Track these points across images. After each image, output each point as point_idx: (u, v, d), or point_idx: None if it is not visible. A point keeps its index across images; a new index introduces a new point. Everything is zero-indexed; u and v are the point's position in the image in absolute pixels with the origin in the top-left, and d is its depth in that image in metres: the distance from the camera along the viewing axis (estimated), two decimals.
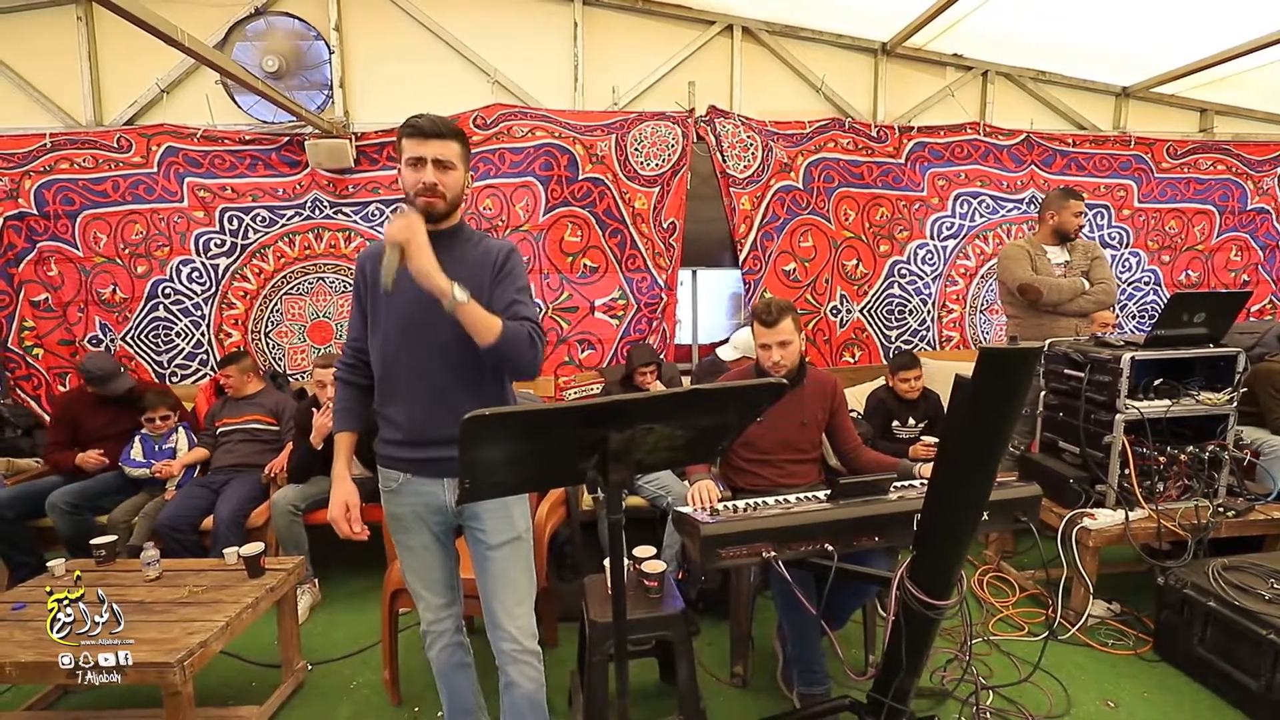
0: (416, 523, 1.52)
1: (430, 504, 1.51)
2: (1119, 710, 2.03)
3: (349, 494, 1.52)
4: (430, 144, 1.39)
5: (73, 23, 3.66)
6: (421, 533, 1.53)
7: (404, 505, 1.52)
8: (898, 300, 4.15)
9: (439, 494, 1.49)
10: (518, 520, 1.53)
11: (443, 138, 1.40)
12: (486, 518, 1.50)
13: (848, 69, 4.11)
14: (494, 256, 1.48)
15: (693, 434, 1.10)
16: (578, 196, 3.76)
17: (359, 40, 3.82)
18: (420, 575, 1.57)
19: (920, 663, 1.53)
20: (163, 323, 3.71)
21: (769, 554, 1.49)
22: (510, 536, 1.52)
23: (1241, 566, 2.21)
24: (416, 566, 1.56)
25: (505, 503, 1.51)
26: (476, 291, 1.37)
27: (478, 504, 1.49)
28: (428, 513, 1.51)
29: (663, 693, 2.15)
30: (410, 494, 1.51)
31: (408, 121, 1.41)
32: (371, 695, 2.19)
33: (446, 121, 1.42)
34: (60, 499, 2.75)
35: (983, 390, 1.23)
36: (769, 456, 2.24)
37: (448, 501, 1.50)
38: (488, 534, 1.50)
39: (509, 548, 1.52)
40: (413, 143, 1.40)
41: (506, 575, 1.52)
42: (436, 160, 1.39)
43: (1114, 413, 2.39)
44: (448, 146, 1.41)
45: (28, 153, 3.56)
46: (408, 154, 1.41)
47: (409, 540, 1.55)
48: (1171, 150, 4.27)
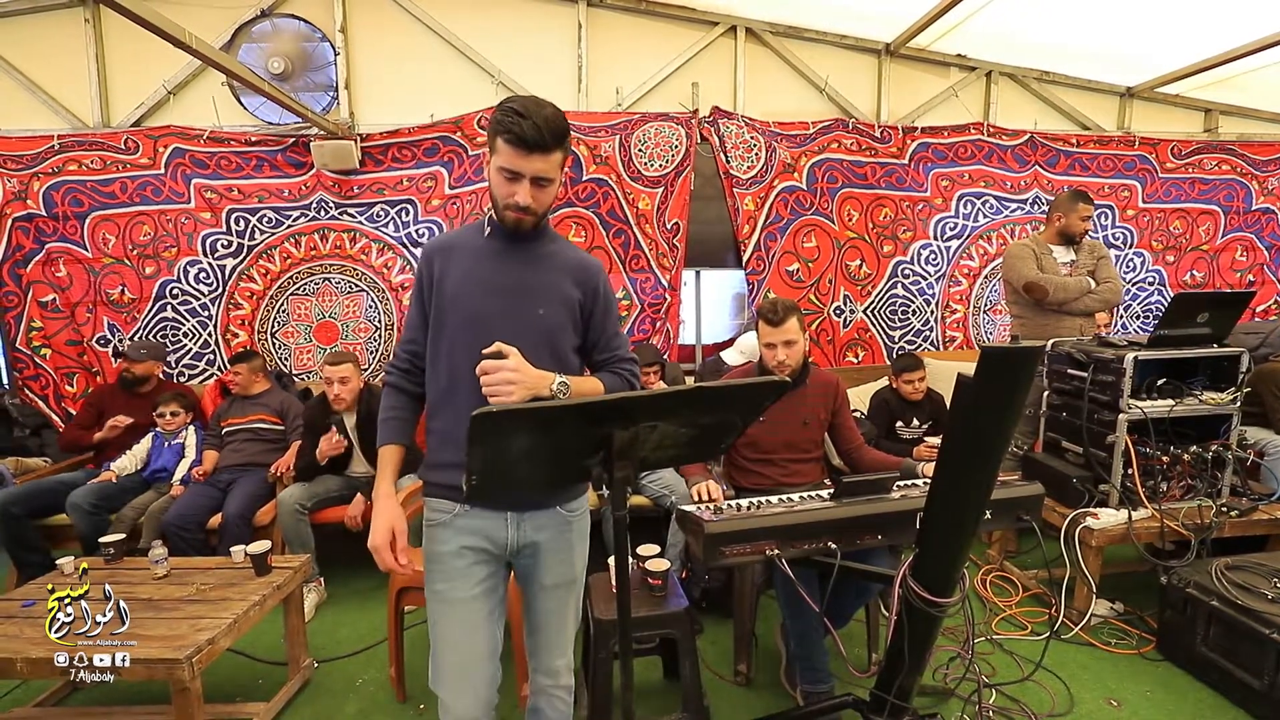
0: (468, 567, 1.27)
1: (489, 539, 1.29)
2: (1122, 709, 2.04)
3: (395, 518, 1.27)
4: (533, 160, 1.17)
5: (80, 25, 3.69)
6: (471, 578, 1.27)
7: (454, 543, 1.27)
8: (901, 300, 4.15)
9: (500, 529, 1.29)
10: (578, 561, 1.39)
11: (547, 151, 1.17)
12: (546, 556, 1.34)
13: (851, 70, 4.12)
14: (590, 278, 1.34)
15: (696, 432, 1.11)
16: (582, 197, 3.77)
17: (364, 42, 3.84)
18: (459, 647, 1.26)
19: (923, 661, 1.54)
20: (170, 323, 3.74)
21: (772, 552, 1.50)
22: (567, 579, 1.37)
23: (1245, 566, 2.21)
24: (458, 632, 1.27)
25: (570, 542, 1.36)
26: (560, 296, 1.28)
27: (540, 541, 1.32)
28: (483, 553, 1.29)
29: (666, 690, 2.16)
30: (464, 530, 1.28)
31: (507, 120, 1.15)
32: (377, 692, 2.20)
33: (553, 124, 1.17)
34: (83, 499, 2.78)
35: (985, 389, 1.24)
36: (771, 456, 2.25)
37: (510, 538, 1.30)
38: (545, 573, 1.34)
39: (564, 590, 1.37)
40: (513, 153, 1.17)
41: (558, 617, 1.38)
42: (536, 178, 1.20)
43: (1117, 412, 2.39)
44: (550, 161, 1.19)
45: (36, 154, 3.59)
46: (502, 162, 1.19)
47: (453, 590, 1.27)
48: (1176, 150, 4.27)
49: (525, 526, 1.31)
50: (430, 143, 3.76)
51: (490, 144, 1.21)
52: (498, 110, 1.18)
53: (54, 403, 3.69)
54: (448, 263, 1.30)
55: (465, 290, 1.27)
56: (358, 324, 3.88)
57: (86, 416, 3.18)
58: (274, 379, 3.38)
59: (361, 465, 2.95)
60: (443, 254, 1.31)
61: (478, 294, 1.27)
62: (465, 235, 1.34)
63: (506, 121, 1.15)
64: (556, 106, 1.20)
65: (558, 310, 1.30)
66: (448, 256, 1.30)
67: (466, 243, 1.32)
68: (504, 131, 1.16)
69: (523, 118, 1.14)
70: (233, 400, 3.22)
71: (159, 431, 3.10)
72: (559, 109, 1.20)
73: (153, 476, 3.04)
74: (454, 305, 1.27)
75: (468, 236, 1.33)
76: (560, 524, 1.35)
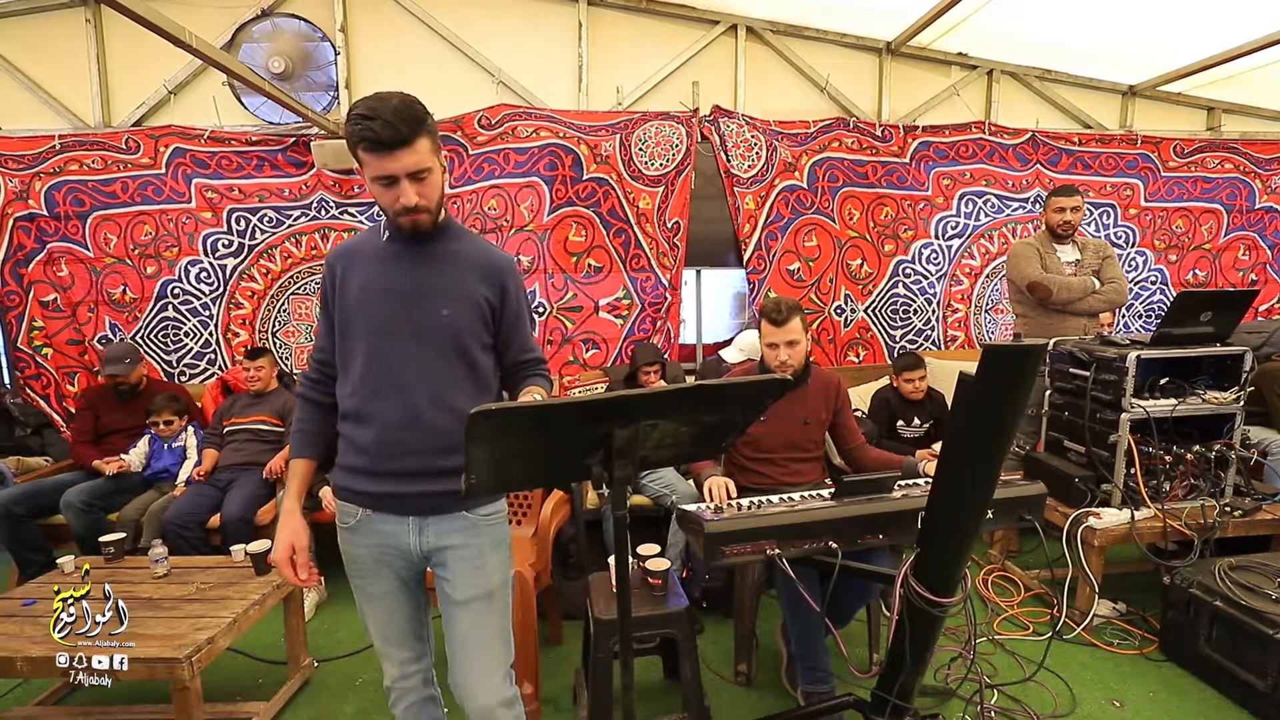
0: (377, 566, 1.30)
1: (393, 546, 1.29)
2: (1124, 710, 2.03)
3: (296, 533, 1.28)
4: (399, 157, 1.12)
5: (81, 25, 3.69)
6: (384, 578, 1.31)
7: (362, 546, 1.30)
8: (902, 300, 4.15)
9: (403, 535, 1.27)
10: (492, 573, 1.31)
11: (408, 143, 1.12)
12: (455, 565, 1.28)
13: (852, 68, 4.11)
14: (495, 278, 1.29)
15: (697, 430, 1.10)
16: (582, 196, 3.77)
17: (365, 41, 3.84)
18: (382, 627, 1.33)
19: (924, 660, 1.53)
20: (172, 323, 3.74)
21: (773, 551, 1.50)
22: (480, 592, 1.29)
23: (1248, 566, 2.20)
24: (378, 617, 1.33)
25: (479, 550, 1.29)
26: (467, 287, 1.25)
27: (446, 550, 1.28)
28: (390, 556, 1.29)
29: (667, 690, 2.16)
30: (370, 533, 1.29)
31: (357, 129, 1.10)
32: (376, 692, 2.20)
33: (404, 113, 1.11)
34: (76, 498, 2.78)
35: (986, 388, 1.23)
36: (772, 455, 2.25)
37: (412, 544, 1.28)
38: (455, 586, 1.29)
39: (479, 605, 1.29)
40: (376, 158, 1.12)
41: (475, 637, 1.30)
42: (411, 174, 1.15)
43: (1120, 412, 2.38)
44: (417, 152, 1.14)
45: (37, 154, 3.59)
46: (372, 172, 1.15)
47: (369, 586, 1.32)
48: (1178, 149, 4.25)
49: (428, 533, 1.28)
50: None
51: (355, 158, 1.17)
52: (347, 121, 1.14)
53: (55, 402, 3.70)
54: (349, 270, 1.27)
55: (367, 297, 1.24)
56: None
57: (85, 424, 3.14)
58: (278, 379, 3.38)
59: None
60: (344, 260, 1.29)
61: (379, 299, 1.24)
62: (365, 239, 1.31)
63: (358, 130, 1.11)
64: (404, 94, 1.15)
65: (464, 310, 1.26)
66: (349, 263, 1.28)
67: (366, 247, 1.29)
68: (359, 141, 1.12)
69: (371, 119, 1.10)
70: (236, 399, 3.22)
71: (155, 435, 3.09)
72: (407, 95, 1.15)
73: (155, 477, 3.04)
74: (357, 312, 1.25)
75: (368, 240, 1.30)
76: (467, 530, 1.29)
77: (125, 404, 3.16)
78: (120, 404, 3.16)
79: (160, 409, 3.08)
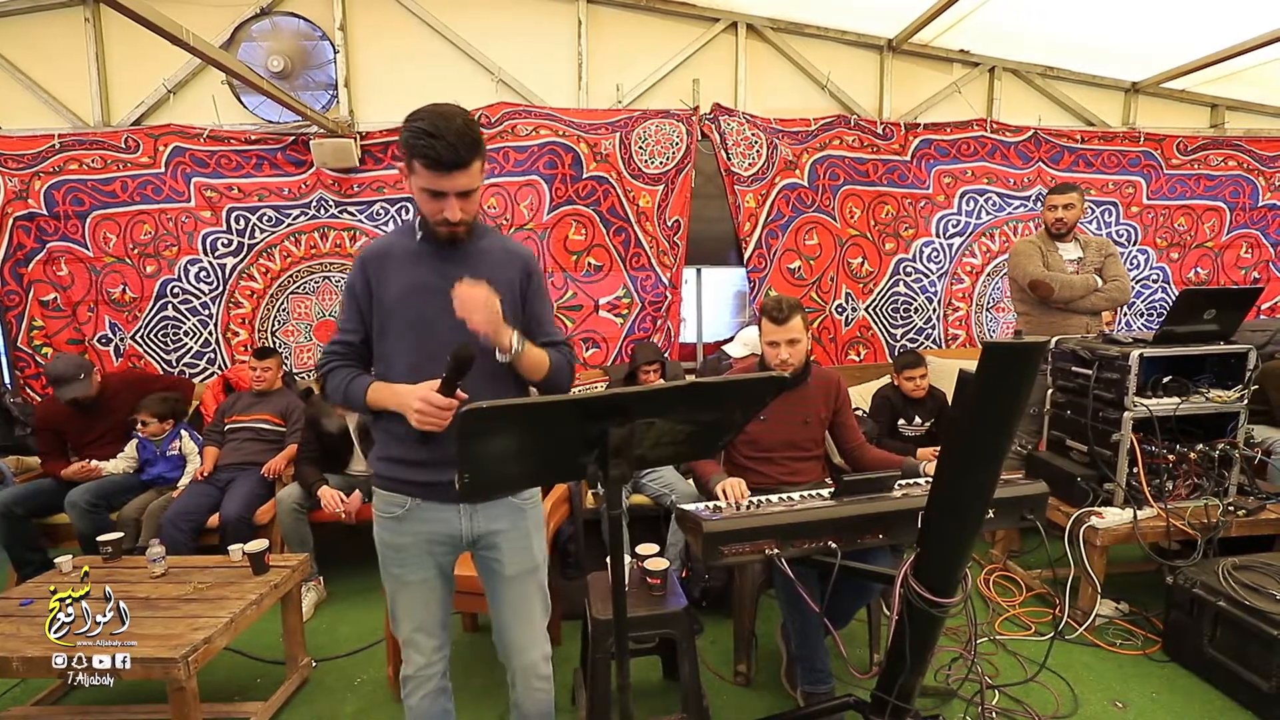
0: (420, 555, 1.36)
1: (442, 533, 1.35)
2: (1127, 710, 2.01)
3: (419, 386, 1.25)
4: (454, 178, 1.19)
5: (81, 24, 3.69)
6: (425, 566, 1.37)
7: (408, 534, 1.35)
8: (903, 298, 4.13)
9: (454, 521, 1.35)
10: (536, 552, 1.43)
11: (464, 166, 1.19)
12: (505, 546, 1.38)
13: (853, 66, 4.09)
14: (518, 262, 1.38)
15: (694, 429, 1.09)
16: (582, 195, 3.76)
17: (364, 40, 3.83)
18: (415, 615, 1.39)
19: (925, 661, 1.52)
20: (171, 322, 3.74)
21: (772, 551, 1.49)
22: (528, 568, 1.41)
23: (1252, 566, 2.19)
24: (413, 606, 1.39)
25: (526, 531, 1.41)
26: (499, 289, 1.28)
27: (496, 533, 1.37)
28: (435, 543, 1.36)
29: (666, 690, 2.15)
30: (418, 521, 1.34)
31: (420, 144, 1.16)
32: (375, 692, 2.19)
33: (467, 137, 1.17)
34: (81, 498, 2.77)
35: (987, 385, 1.22)
36: (772, 454, 2.23)
37: (463, 530, 1.36)
38: (505, 564, 1.39)
39: (526, 578, 1.41)
40: (431, 175, 1.19)
41: (524, 607, 1.42)
42: (460, 192, 1.23)
43: (1122, 411, 2.36)
44: (470, 174, 1.21)
45: (37, 154, 3.59)
46: (423, 183, 1.21)
47: (409, 574, 1.37)
48: (1181, 146, 4.23)
49: (479, 518, 1.37)
50: None
51: (407, 163, 1.22)
52: (407, 130, 1.18)
53: None
54: (384, 270, 1.33)
55: (408, 295, 1.30)
56: None
57: (48, 444, 2.98)
58: (284, 379, 3.38)
59: (361, 464, 2.94)
60: (377, 261, 1.34)
61: (417, 299, 1.30)
62: (397, 240, 1.37)
63: (419, 146, 1.16)
64: (464, 114, 1.20)
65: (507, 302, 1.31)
66: (383, 263, 1.33)
67: (400, 248, 1.35)
68: (419, 155, 1.18)
69: (434, 138, 1.15)
70: (238, 397, 3.22)
71: (144, 439, 3.00)
72: (467, 116, 1.20)
73: (153, 481, 3.01)
74: (396, 312, 1.31)
75: (400, 241, 1.36)
76: (514, 513, 1.40)
77: (86, 414, 2.97)
78: (81, 416, 2.97)
79: (142, 408, 2.97)
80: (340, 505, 2.69)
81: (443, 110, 1.19)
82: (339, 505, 2.69)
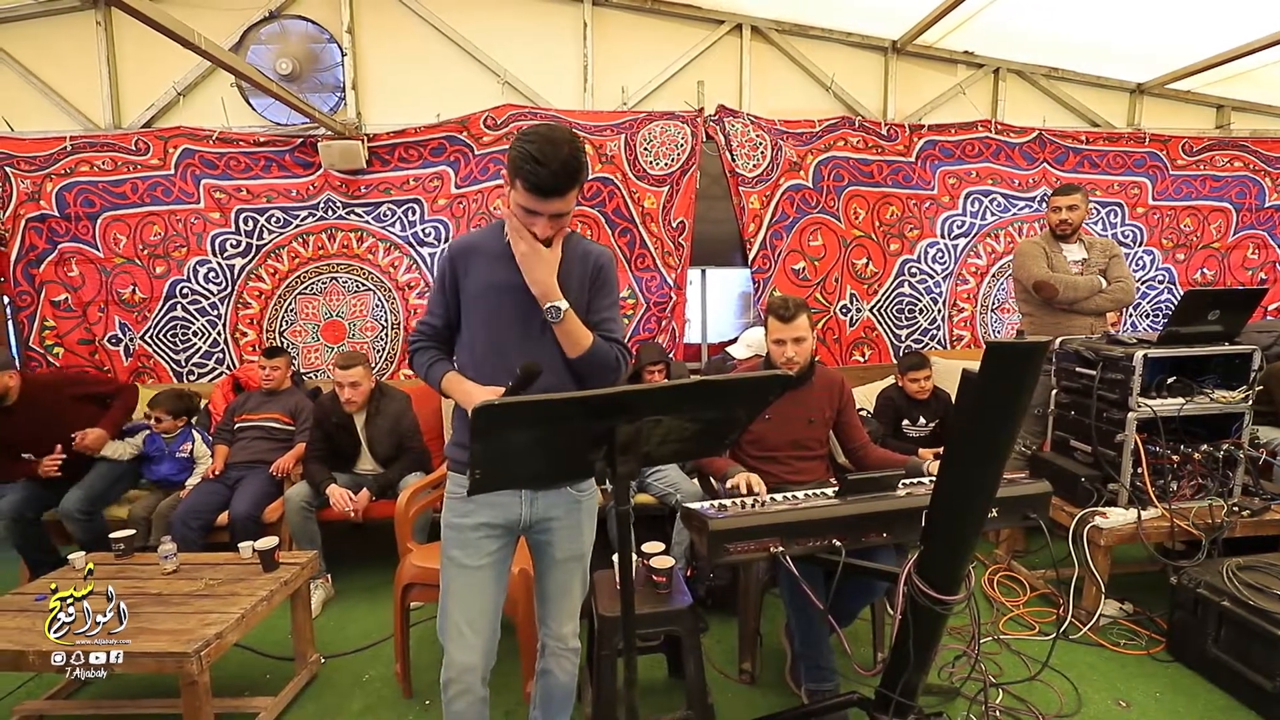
0: (480, 540, 1.41)
1: (503, 516, 1.42)
2: (1131, 710, 2.02)
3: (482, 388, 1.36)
4: (551, 203, 1.25)
5: (92, 28, 3.73)
6: (483, 550, 1.41)
7: (473, 517, 1.40)
8: (908, 299, 4.14)
9: (515, 506, 1.42)
10: (586, 540, 1.52)
11: (563, 195, 1.25)
12: (559, 533, 1.47)
13: (857, 67, 4.10)
14: (592, 261, 1.44)
15: (700, 426, 1.11)
16: (587, 196, 3.78)
17: (371, 43, 3.86)
18: (467, 604, 1.41)
19: (928, 659, 1.53)
20: (180, 322, 3.78)
21: (777, 549, 1.50)
22: (577, 553, 1.50)
23: (1257, 566, 2.19)
24: (466, 592, 1.41)
25: (579, 521, 1.48)
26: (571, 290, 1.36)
27: (552, 520, 1.45)
28: (497, 527, 1.42)
29: (671, 688, 2.16)
30: (485, 504, 1.39)
31: (526, 167, 1.20)
32: (384, 688, 2.21)
33: (570, 167, 1.22)
34: (74, 507, 2.74)
35: (990, 384, 1.23)
36: (776, 454, 2.25)
37: (524, 514, 1.43)
38: (557, 547, 1.47)
39: (574, 563, 1.51)
40: (531, 198, 1.24)
41: (568, 588, 1.52)
42: (554, 215, 1.29)
43: (1127, 411, 2.37)
44: (567, 201, 1.27)
45: (49, 156, 3.63)
46: (521, 201, 1.26)
47: (467, 558, 1.40)
48: (1187, 147, 4.22)
49: (538, 504, 1.44)
50: (436, 142, 3.78)
51: (510, 179, 1.28)
52: (516, 150, 1.23)
53: None
54: (469, 264, 1.41)
55: (491, 292, 1.38)
56: (364, 323, 3.90)
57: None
58: (293, 379, 3.40)
59: (369, 463, 2.96)
60: (465, 255, 1.42)
61: (496, 295, 1.37)
62: (486, 238, 1.44)
63: (526, 169, 1.21)
64: (573, 141, 1.24)
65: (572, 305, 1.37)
66: (470, 258, 1.41)
67: (487, 246, 1.42)
68: (523, 178, 1.23)
69: (541, 165, 1.20)
70: (248, 396, 3.24)
71: (154, 434, 3.03)
72: (575, 144, 1.24)
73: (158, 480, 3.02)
74: (477, 304, 1.40)
75: (488, 240, 1.43)
76: (570, 503, 1.47)
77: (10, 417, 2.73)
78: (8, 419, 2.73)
79: (159, 404, 3.00)
80: (348, 504, 2.71)
81: (553, 137, 1.22)
82: (347, 504, 2.71)
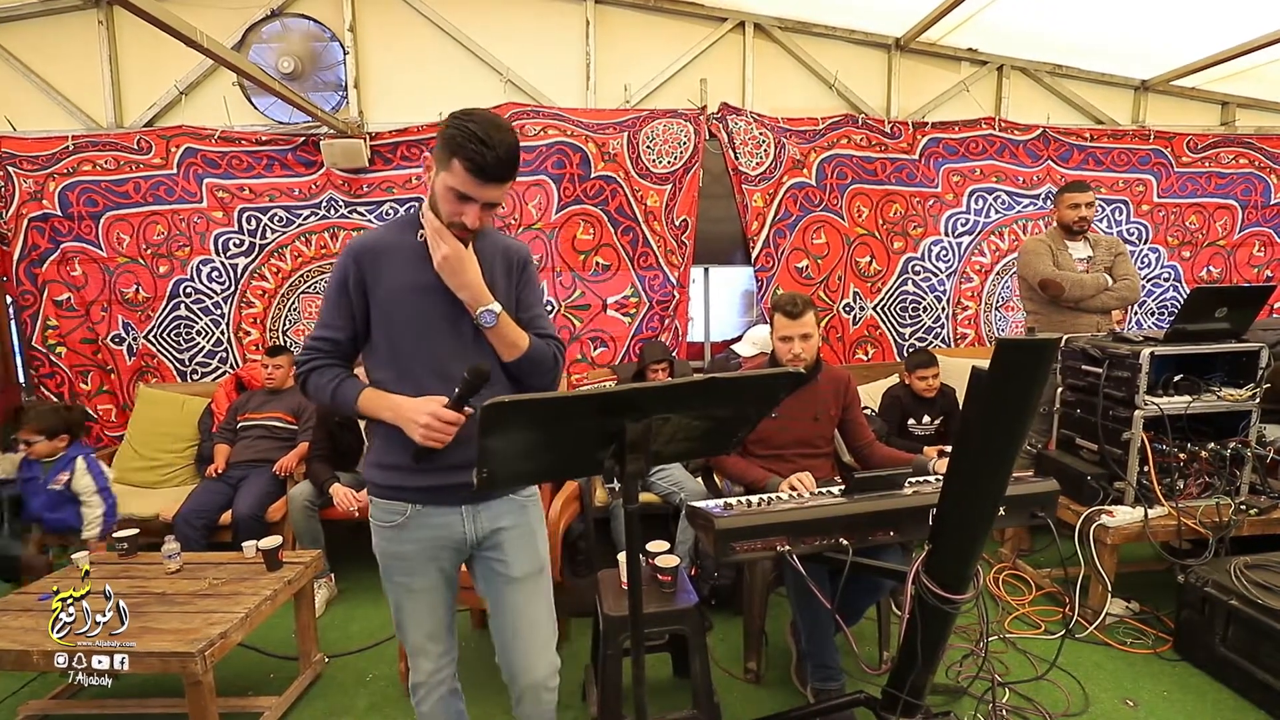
0: (425, 562, 1.33)
1: (445, 537, 1.32)
2: (1138, 709, 2.01)
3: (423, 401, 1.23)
4: (489, 190, 1.19)
5: (94, 27, 3.72)
6: (430, 573, 1.34)
7: (410, 542, 1.31)
8: (912, 297, 4.12)
9: (456, 524, 1.32)
10: (541, 548, 1.40)
11: (502, 182, 1.20)
12: (510, 544, 1.35)
13: (861, 65, 4.09)
14: (515, 257, 1.37)
15: (709, 424, 1.10)
16: (590, 194, 3.77)
17: (373, 41, 3.85)
18: (421, 622, 1.36)
19: (936, 658, 1.52)
20: (184, 321, 3.77)
21: (783, 548, 1.49)
22: (535, 568, 1.38)
23: (1265, 565, 2.18)
24: (419, 613, 1.35)
25: (530, 527, 1.38)
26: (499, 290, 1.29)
27: (501, 531, 1.34)
28: (440, 548, 1.33)
29: (676, 687, 2.15)
30: (420, 527, 1.31)
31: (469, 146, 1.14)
32: (388, 688, 2.21)
33: (513, 156, 1.19)
34: None
35: (1000, 381, 1.22)
36: (782, 451, 2.24)
37: (467, 532, 1.32)
38: (510, 565, 1.35)
39: (533, 581, 1.37)
40: (470, 180, 1.17)
41: (531, 613, 1.36)
42: (486, 204, 1.23)
43: (1133, 409, 2.36)
44: (503, 190, 1.22)
45: (51, 155, 3.62)
46: (455, 184, 1.18)
47: (414, 583, 1.33)
48: (1192, 144, 4.20)
49: (482, 518, 1.34)
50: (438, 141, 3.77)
51: (441, 159, 1.19)
52: (455, 128, 1.15)
53: (69, 400, 3.73)
54: (379, 267, 1.27)
55: (408, 295, 1.26)
56: None
57: None
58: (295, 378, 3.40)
59: None
60: (370, 257, 1.28)
61: (415, 298, 1.26)
62: (392, 238, 1.31)
63: (470, 149, 1.14)
64: (513, 130, 1.20)
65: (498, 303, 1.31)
66: (377, 260, 1.28)
67: (398, 247, 1.29)
68: (464, 158, 1.15)
69: (487, 147, 1.14)
70: (251, 395, 3.24)
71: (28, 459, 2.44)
72: (515, 133, 1.20)
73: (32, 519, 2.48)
74: (394, 310, 1.27)
75: (398, 238, 1.30)
76: (516, 509, 1.38)
77: None
78: None
79: (29, 420, 2.37)
80: (352, 502, 2.71)
81: (496, 121, 1.17)
82: (351, 503, 2.71)
